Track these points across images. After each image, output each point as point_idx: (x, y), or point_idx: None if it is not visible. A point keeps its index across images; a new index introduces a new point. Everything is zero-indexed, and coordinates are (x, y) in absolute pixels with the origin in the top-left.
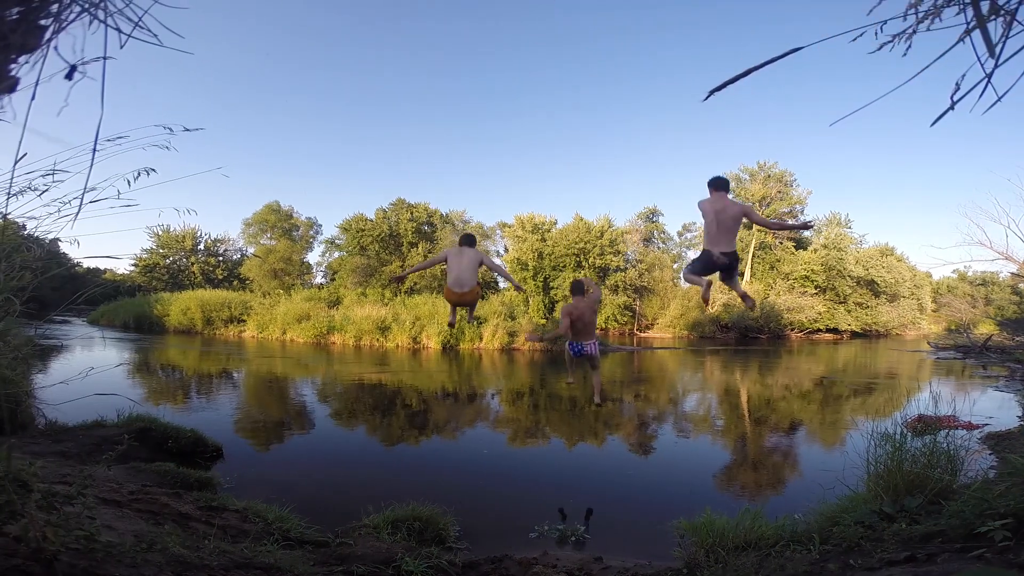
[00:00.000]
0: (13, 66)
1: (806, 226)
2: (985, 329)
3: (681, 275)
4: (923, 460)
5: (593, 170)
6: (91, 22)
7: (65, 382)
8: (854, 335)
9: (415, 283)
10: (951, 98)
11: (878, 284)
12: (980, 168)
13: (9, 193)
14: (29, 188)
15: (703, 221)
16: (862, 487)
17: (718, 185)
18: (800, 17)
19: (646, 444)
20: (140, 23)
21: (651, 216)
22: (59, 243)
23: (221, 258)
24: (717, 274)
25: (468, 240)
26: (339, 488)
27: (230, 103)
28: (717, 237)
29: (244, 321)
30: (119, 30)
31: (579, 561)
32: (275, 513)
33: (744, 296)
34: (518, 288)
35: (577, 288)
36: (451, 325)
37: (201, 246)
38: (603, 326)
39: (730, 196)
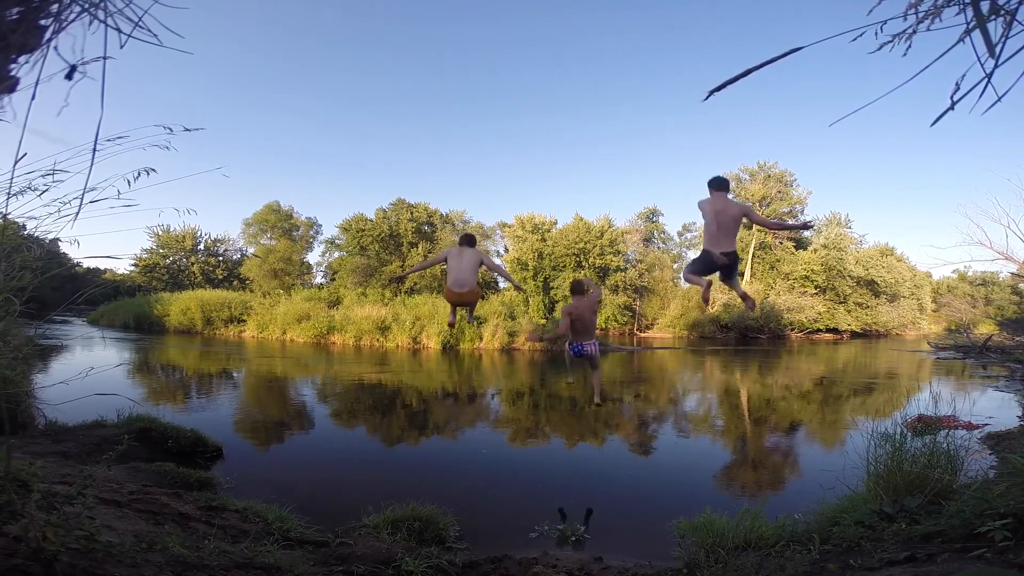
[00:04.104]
0: (13, 66)
1: (806, 226)
2: (985, 329)
3: (681, 275)
4: (923, 460)
5: (593, 170)
6: (91, 22)
7: (65, 382)
8: (854, 335)
9: (415, 283)
10: (951, 98)
11: (878, 284)
12: (980, 168)
13: (9, 193)
14: (29, 188)
15: (703, 221)
16: (862, 487)
17: (718, 185)
18: (800, 17)
19: (646, 444)
20: (140, 23)
21: (651, 216)
22: (59, 243)
23: (221, 258)
24: (717, 274)
25: (468, 240)
26: (339, 488)
27: (230, 103)
28: (717, 237)
29: (244, 321)
30: (119, 30)
31: (579, 561)
32: (275, 513)
33: (744, 296)
34: (518, 288)
35: (577, 288)
36: (451, 325)
37: (201, 246)
38: (603, 326)
39: (730, 196)
